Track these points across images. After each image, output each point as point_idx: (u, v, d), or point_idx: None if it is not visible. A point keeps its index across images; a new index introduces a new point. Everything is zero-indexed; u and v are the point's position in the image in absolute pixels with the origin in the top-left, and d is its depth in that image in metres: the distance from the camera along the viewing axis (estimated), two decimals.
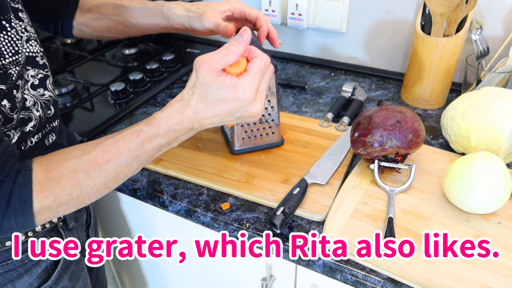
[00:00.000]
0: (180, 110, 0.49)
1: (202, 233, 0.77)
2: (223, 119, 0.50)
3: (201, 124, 0.50)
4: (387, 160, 0.69)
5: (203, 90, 0.48)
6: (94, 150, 0.48)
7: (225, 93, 0.48)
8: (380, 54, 1.05)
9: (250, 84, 0.48)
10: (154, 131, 0.49)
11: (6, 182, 0.44)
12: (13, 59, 0.50)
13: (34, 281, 0.62)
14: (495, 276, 0.53)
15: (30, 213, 0.45)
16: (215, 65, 0.48)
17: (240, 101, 0.48)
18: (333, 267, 0.58)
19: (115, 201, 0.89)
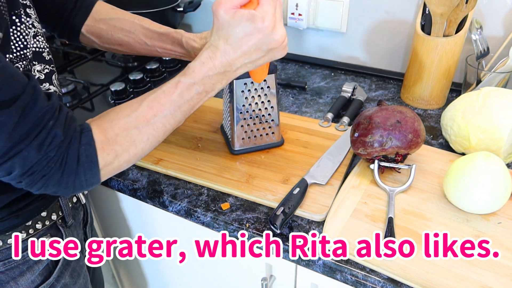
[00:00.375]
0: (210, 55, 0.52)
1: (202, 233, 0.77)
2: (253, 57, 0.52)
3: (232, 66, 0.53)
4: (387, 160, 0.69)
5: (226, 30, 0.51)
6: (140, 107, 0.51)
7: (246, 26, 0.50)
8: (380, 54, 1.05)
9: (266, 12, 0.50)
10: (190, 80, 0.52)
11: (73, 144, 0.47)
12: (21, 54, 0.52)
13: (36, 278, 0.63)
14: (495, 276, 0.53)
15: (97, 169, 0.49)
16: (230, 4, 0.50)
17: (262, 31, 0.50)
18: (333, 267, 0.58)
19: (115, 201, 0.89)
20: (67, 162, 0.46)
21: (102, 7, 0.75)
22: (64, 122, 0.47)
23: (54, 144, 0.45)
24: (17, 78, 0.43)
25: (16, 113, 0.42)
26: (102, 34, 0.74)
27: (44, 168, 0.45)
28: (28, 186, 0.47)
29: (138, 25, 0.73)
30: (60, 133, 0.46)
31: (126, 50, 0.76)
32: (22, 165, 0.44)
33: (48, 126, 0.45)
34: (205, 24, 1.28)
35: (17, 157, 0.44)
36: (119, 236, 0.99)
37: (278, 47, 0.53)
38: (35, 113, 0.44)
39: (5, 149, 0.43)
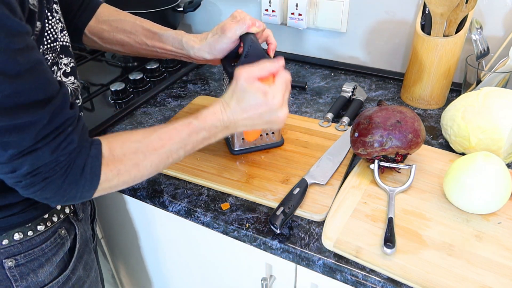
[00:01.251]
0: (221, 109, 0.58)
1: (202, 233, 0.77)
2: (254, 122, 0.59)
3: (235, 124, 0.59)
4: (387, 160, 0.69)
5: (241, 94, 0.57)
6: (152, 136, 0.55)
7: (258, 98, 0.57)
8: (380, 54, 1.05)
9: (278, 91, 0.57)
10: (201, 124, 0.57)
11: (82, 154, 0.49)
12: (51, 46, 0.56)
13: (54, 270, 0.65)
14: (495, 276, 0.53)
15: (97, 183, 0.50)
16: (252, 74, 0.57)
17: (270, 106, 0.57)
18: (333, 267, 0.58)
19: (115, 201, 0.89)
20: (72, 170, 0.48)
21: (106, 9, 0.76)
22: (80, 131, 0.49)
23: (68, 150, 0.47)
24: (53, 82, 0.46)
25: (47, 115, 0.45)
26: (104, 35, 0.75)
27: (49, 171, 0.46)
28: (25, 187, 0.47)
29: (139, 26, 0.74)
30: (76, 140, 0.48)
31: (127, 51, 0.77)
32: (32, 164, 0.45)
33: (67, 132, 0.47)
34: (205, 24, 1.28)
35: (31, 155, 0.45)
36: (119, 235, 0.99)
37: (277, 122, 0.60)
38: (60, 118, 0.47)
39: (26, 147, 0.44)
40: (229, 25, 0.66)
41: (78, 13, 0.73)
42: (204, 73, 1.12)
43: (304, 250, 0.60)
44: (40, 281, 0.63)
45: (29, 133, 0.44)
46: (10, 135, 0.43)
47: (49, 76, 0.46)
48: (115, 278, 1.14)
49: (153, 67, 1.08)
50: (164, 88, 1.04)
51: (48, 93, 0.45)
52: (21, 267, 0.61)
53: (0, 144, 0.44)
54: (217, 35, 0.68)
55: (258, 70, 0.58)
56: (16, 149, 0.44)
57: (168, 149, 0.55)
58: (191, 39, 0.71)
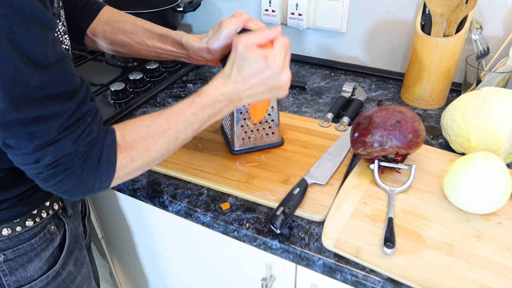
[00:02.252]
0: (223, 82, 0.58)
1: (202, 233, 0.77)
2: (258, 90, 0.58)
3: (239, 96, 0.58)
4: (387, 160, 0.69)
5: (241, 62, 0.57)
6: (158, 119, 0.55)
7: (259, 63, 0.56)
8: (380, 54, 1.05)
9: (278, 54, 0.56)
10: (204, 101, 0.57)
11: (98, 143, 0.50)
12: None
13: (43, 265, 0.65)
14: (495, 276, 0.53)
15: (113, 172, 0.51)
16: (250, 41, 0.56)
17: (272, 69, 0.56)
18: (333, 267, 0.58)
19: (115, 200, 0.89)
20: (90, 160, 0.49)
21: (108, 11, 0.77)
22: (99, 122, 0.51)
23: (87, 140, 0.48)
24: (76, 76, 0.48)
25: (73, 106, 0.47)
26: (105, 36, 0.75)
27: (70, 162, 0.48)
28: (46, 179, 0.48)
29: (139, 27, 0.75)
30: (96, 130, 0.49)
31: (128, 51, 0.77)
32: (54, 154, 0.46)
33: (87, 122, 0.49)
34: (205, 24, 1.28)
35: (54, 145, 0.46)
36: (119, 235, 0.99)
37: (282, 87, 0.59)
38: (83, 110, 0.48)
39: (50, 137, 0.46)
40: (227, 20, 0.66)
41: (81, 15, 0.74)
42: (204, 73, 1.12)
43: (304, 250, 0.60)
44: (29, 275, 0.64)
45: (55, 123, 0.45)
46: (38, 125, 0.45)
47: (73, 70, 0.48)
48: (114, 278, 1.14)
49: (153, 67, 1.08)
50: (164, 88, 1.04)
51: (73, 86, 0.47)
52: (10, 262, 0.61)
53: (27, 134, 0.45)
54: (214, 31, 0.68)
55: (257, 37, 0.57)
56: (41, 140, 0.45)
57: (175, 130, 0.56)
58: (191, 38, 0.72)
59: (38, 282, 0.65)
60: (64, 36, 0.60)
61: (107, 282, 1.17)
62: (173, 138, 0.56)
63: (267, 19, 1.10)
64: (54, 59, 0.44)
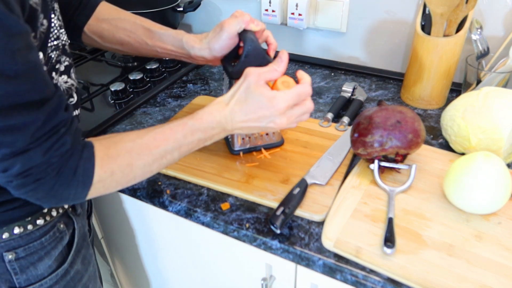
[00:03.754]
0: (219, 109, 0.57)
1: (202, 233, 0.77)
2: (251, 125, 0.58)
3: (233, 126, 0.58)
4: (387, 160, 0.69)
5: (245, 94, 0.56)
6: (146, 136, 0.54)
7: (263, 101, 0.55)
8: (380, 54, 1.05)
9: (286, 100, 0.56)
10: (196, 125, 0.56)
11: (74, 155, 0.48)
12: (55, 44, 0.56)
13: (52, 263, 0.66)
14: (495, 276, 0.53)
15: (90, 185, 0.50)
16: (262, 76, 0.56)
17: (272, 110, 0.56)
18: (333, 267, 0.58)
19: (115, 200, 0.89)
20: (64, 172, 0.48)
21: (106, 8, 0.76)
22: (74, 133, 0.49)
23: (60, 151, 0.47)
24: (49, 85, 0.46)
25: (43, 116, 0.45)
26: (103, 34, 0.75)
27: (41, 172, 0.46)
28: (17, 187, 0.47)
29: (139, 25, 0.74)
30: (69, 142, 0.48)
31: (127, 50, 0.76)
32: (23, 164, 0.45)
33: (60, 133, 0.47)
34: (205, 24, 1.28)
35: (23, 155, 0.45)
36: (119, 235, 0.99)
37: (275, 128, 0.58)
38: (55, 120, 0.46)
39: (17, 148, 0.44)
40: (228, 21, 0.66)
41: (77, 11, 0.73)
42: (204, 73, 1.12)
43: (304, 250, 0.60)
44: (39, 274, 0.64)
45: (23, 134, 0.44)
46: (4, 135, 0.43)
47: (46, 78, 0.46)
48: (115, 278, 1.14)
49: (153, 67, 1.08)
50: (164, 88, 1.04)
51: (43, 95, 0.45)
52: (21, 260, 0.61)
53: None
54: (215, 32, 0.68)
55: (268, 72, 0.57)
56: (8, 149, 0.44)
57: (163, 149, 0.55)
58: (191, 38, 0.71)
59: (47, 280, 0.65)
60: (60, 31, 0.59)
61: (107, 282, 1.17)
62: (159, 156, 0.55)
63: (267, 19, 1.10)
64: (24, 67, 0.42)
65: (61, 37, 0.59)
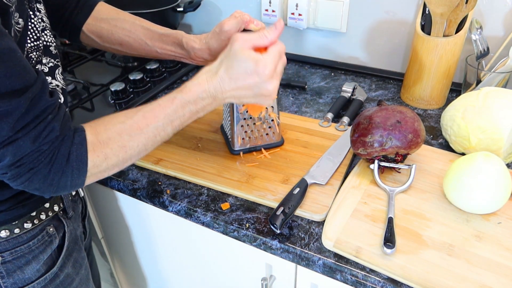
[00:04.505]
0: (207, 79, 0.56)
1: (202, 233, 0.77)
2: (242, 93, 0.57)
3: (223, 95, 0.57)
4: (387, 160, 0.69)
5: (231, 60, 0.55)
6: (136, 115, 0.54)
7: (249, 65, 0.54)
8: (380, 54, 1.05)
9: (270, 62, 0.55)
10: (186, 97, 0.55)
11: (66, 142, 0.48)
12: (35, 45, 0.55)
13: (41, 267, 0.65)
14: (495, 276, 0.53)
15: (85, 170, 0.50)
16: (249, 42, 0.55)
17: (260, 76, 0.54)
18: (333, 267, 0.58)
19: (115, 200, 0.89)
20: (57, 159, 0.47)
21: (104, 7, 0.75)
22: (62, 119, 0.48)
23: (49, 138, 0.46)
24: (29, 71, 0.45)
25: (24, 104, 0.44)
26: (102, 34, 0.74)
27: (33, 161, 0.46)
28: (12, 178, 0.47)
29: (138, 26, 0.74)
30: (57, 128, 0.47)
31: (126, 50, 0.76)
32: (14, 154, 0.45)
33: (47, 120, 0.46)
34: (205, 24, 1.28)
35: (12, 145, 0.44)
36: (119, 235, 0.99)
37: (267, 96, 0.57)
38: (39, 107, 0.46)
39: (5, 138, 0.44)
40: (227, 21, 0.66)
41: (75, 11, 0.73)
42: None
43: (304, 250, 0.60)
44: (27, 278, 0.63)
45: (7, 122, 0.43)
46: None
47: (25, 64, 0.45)
48: (115, 278, 1.14)
49: (153, 67, 1.08)
50: (164, 88, 1.04)
51: (24, 82, 0.44)
52: (7, 264, 0.60)
53: None
54: (215, 32, 0.68)
55: (256, 38, 0.55)
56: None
57: (154, 126, 0.54)
58: (191, 39, 0.71)
59: (35, 284, 0.64)
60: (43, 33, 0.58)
61: (107, 282, 1.17)
62: (152, 135, 0.54)
63: (267, 19, 1.10)
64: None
65: (42, 38, 0.58)
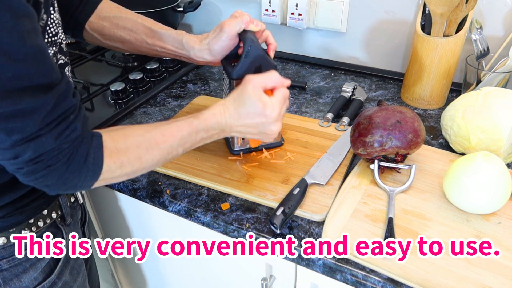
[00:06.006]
0: (221, 112, 0.60)
1: (202, 233, 0.77)
2: (248, 130, 0.62)
3: (231, 129, 0.61)
4: (387, 160, 0.69)
5: (242, 99, 0.59)
6: (154, 131, 0.56)
7: (258, 107, 0.59)
8: (380, 54, 1.05)
9: (277, 105, 0.60)
10: (201, 125, 0.59)
11: (85, 143, 0.49)
12: (53, 40, 0.56)
13: (38, 275, 0.64)
14: (495, 276, 0.53)
15: (98, 173, 0.50)
16: (260, 82, 0.60)
17: (267, 117, 0.59)
18: (333, 267, 0.58)
19: (115, 201, 0.89)
20: (75, 158, 0.48)
21: (107, 5, 0.76)
22: (82, 119, 0.49)
23: (71, 137, 0.47)
24: (55, 70, 0.46)
25: (51, 101, 0.45)
26: (104, 31, 0.75)
27: (52, 158, 0.46)
28: (26, 174, 0.47)
29: (140, 24, 0.74)
30: (79, 128, 0.48)
31: (127, 48, 0.77)
32: (35, 150, 0.45)
33: (70, 119, 0.47)
34: (205, 24, 1.28)
35: (34, 141, 0.45)
36: (119, 235, 0.99)
37: (270, 135, 0.62)
38: (64, 106, 0.47)
39: (29, 133, 0.44)
40: (228, 22, 0.66)
41: (79, 8, 0.73)
42: (204, 73, 1.12)
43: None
44: (24, 286, 0.62)
45: (33, 119, 0.44)
46: (14, 120, 0.43)
47: (52, 63, 0.46)
48: (115, 278, 1.14)
49: (153, 67, 1.08)
50: (164, 88, 1.04)
51: (51, 79, 0.45)
52: (4, 272, 0.60)
53: (4, 129, 0.43)
54: (215, 33, 0.68)
55: (268, 81, 0.60)
56: (20, 135, 0.44)
57: (169, 145, 0.56)
58: (192, 39, 0.71)
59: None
60: (59, 28, 0.58)
61: (107, 282, 1.17)
62: (166, 152, 0.57)
63: (267, 19, 1.10)
64: (31, 50, 0.42)
65: (59, 34, 0.59)
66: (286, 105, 0.63)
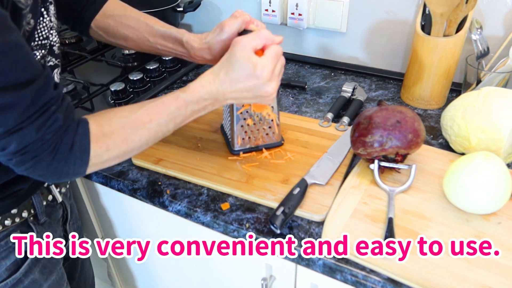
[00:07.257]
0: (210, 81, 0.58)
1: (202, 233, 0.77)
2: (242, 95, 0.59)
3: (224, 97, 0.59)
4: (387, 160, 0.69)
5: (232, 64, 0.57)
6: (139, 111, 0.55)
7: (248, 69, 0.56)
8: (380, 54, 1.05)
9: (267, 64, 0.57)
10: (189, 97, 0.58)
11: (69, 131, 0.49)
12: (42, 43, 0.57)
13: (3, 272, 0.64)
14: (495, 276, 0.53)
15: (87, 160, 0.51)
16: (248, 43, 0.57)
17: (258, 78, 0.57)
18: (333, 267, 0.58)
19: (115, 200, 0.89)
20: (60, 148, 0.49)
21: (113, 4, 0.77)
22: (65, 110, 0.50)
23: (53, 128, 0.48)
24: (34, 64, 0.47)
25: (30, 96, 0.46)
26: (109, 29, 0.76)
27: (37, 149, 0.47)
28: (17, 165, 0.49)
29: (142, 23, 0.75)
30: (61, 118, 0.49)
31: (130, 45, 0.78)
32: (18, 143, 0.46)
33: (51, 110, 0.48)
34: (205, 24, 1.28)
35: (17, 134, 0.46)
36: (119, 235, 0.99)
37: (266, 97, 0.59)
38: (44, 98, 0.47)
39: (10, 127, 0.45)
40: (228, 21, 0.66)
41: (86, 6, 0.75)
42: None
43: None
44: None
45: (13, 112, 0.45)
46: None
47: (30, 58, 0.47)
48: (113, 277, 1.14)
49: (153, 67, 1.08)
50: (164, 88, 1.04)
51: (29, 75, 0.46)
52: None
53: None
54: (215, 32, 0.68)
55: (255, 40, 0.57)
56: (2, 128, 0.45)
57: (157, 123, 0.56)
58: (192, 38, 0.72)
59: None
60: (51, 32, 0.59)
61: (105, 281, 1.17)
62: (153, 131, 0.56)
63: (267, 19, 1.10)
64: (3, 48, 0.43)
65: (50, 37, 0.59)
66: (281, 63, 0.60)
